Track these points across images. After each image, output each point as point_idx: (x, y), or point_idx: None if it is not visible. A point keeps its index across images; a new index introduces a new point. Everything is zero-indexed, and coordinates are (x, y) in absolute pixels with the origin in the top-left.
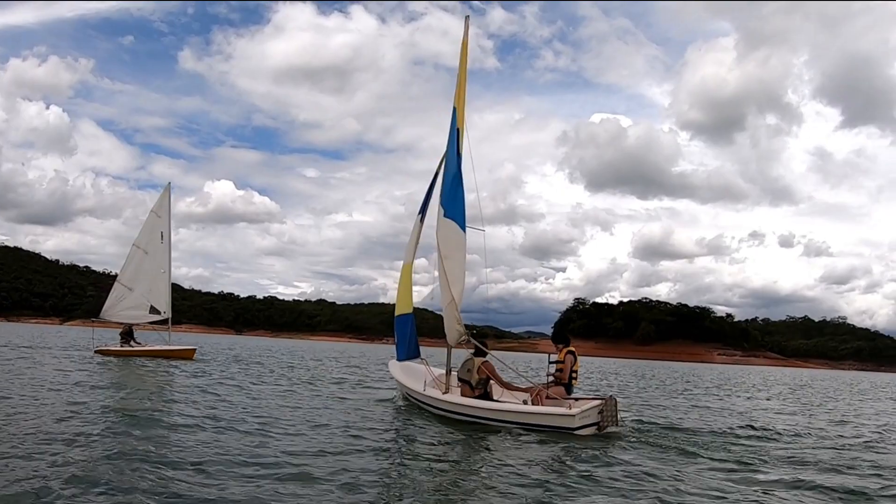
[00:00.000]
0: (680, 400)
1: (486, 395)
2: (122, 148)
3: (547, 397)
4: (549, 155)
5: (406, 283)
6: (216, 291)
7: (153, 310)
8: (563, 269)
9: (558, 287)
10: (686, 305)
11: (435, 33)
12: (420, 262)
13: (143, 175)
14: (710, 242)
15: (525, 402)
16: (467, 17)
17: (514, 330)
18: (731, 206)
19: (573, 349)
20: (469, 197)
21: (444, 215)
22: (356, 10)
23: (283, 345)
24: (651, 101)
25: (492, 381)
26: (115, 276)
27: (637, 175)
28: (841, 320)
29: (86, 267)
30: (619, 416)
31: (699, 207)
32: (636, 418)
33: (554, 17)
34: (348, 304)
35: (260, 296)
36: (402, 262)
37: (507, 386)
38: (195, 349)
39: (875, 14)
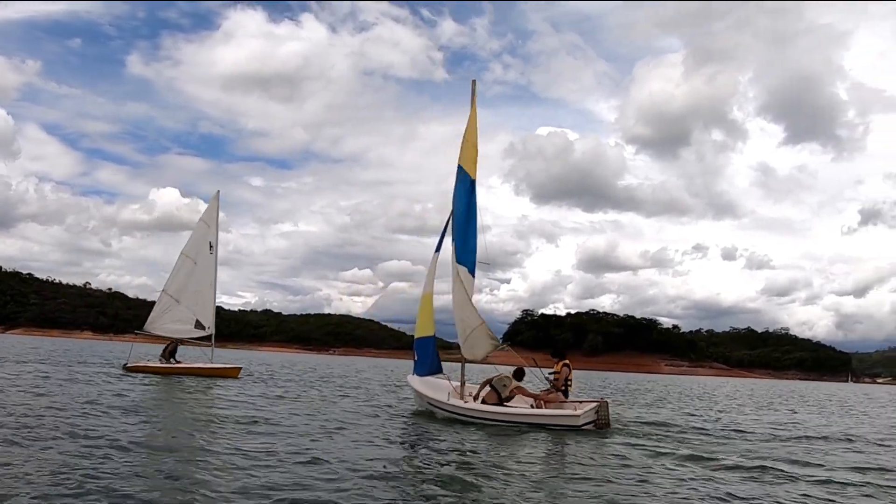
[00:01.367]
0: (656, 404)
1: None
2: (66, 153)
3: (549, 401)
4: (496, 167)
5: (427, 310)
6: None
7: (198, 324)
8: (508, 281)
9: (503, 298)
10: (633, 317)
11: (386, 44)
12: (364, 273)
13: (88, 181)
14: (654, 255)
15: (531, 406)
16: (474, 81)
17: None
18: (676, 219)
19: (567, 362)
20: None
21: (458, 261)
22: (307, 18)
23: (280, 359)
24: (598, 116)
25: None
26: (58, 283)
27: (583, 188)
28: (783, 332)
29: (28, 274)
30: (610, 415)
31: (644, 221)
32: (625, 417)
33: (504, 30)
34: (294, 315)
35: None
36: (352, 270)
37: (526, 394)
38: (240, 368)
39: (819, 34)
